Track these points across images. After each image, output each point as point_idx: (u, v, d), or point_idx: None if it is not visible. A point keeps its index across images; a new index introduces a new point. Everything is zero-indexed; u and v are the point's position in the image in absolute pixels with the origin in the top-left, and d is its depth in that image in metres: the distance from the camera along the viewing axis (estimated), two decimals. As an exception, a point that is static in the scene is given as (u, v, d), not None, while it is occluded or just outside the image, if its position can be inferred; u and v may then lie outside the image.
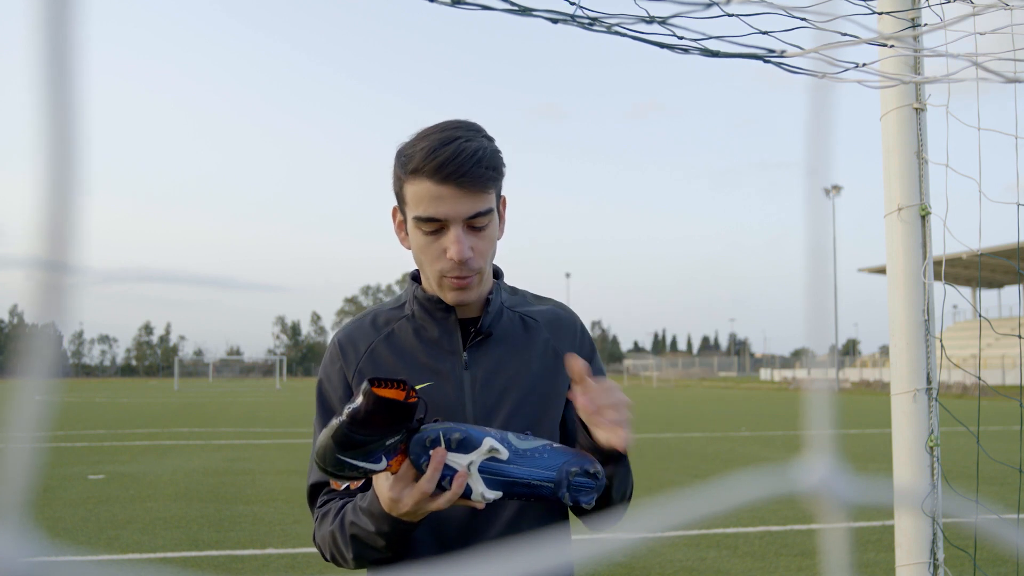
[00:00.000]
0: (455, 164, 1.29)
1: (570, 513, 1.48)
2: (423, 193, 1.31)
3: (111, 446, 13.12)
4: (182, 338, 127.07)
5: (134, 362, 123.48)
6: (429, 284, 1.42)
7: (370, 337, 1.46)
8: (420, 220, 1.33)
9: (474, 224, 1.34)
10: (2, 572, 0.26)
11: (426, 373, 1.42)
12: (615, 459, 1.30)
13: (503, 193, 1.45)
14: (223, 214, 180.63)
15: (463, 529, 1.37)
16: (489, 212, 1.35)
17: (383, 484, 1.23)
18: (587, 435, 1.27)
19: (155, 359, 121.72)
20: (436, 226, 1.33)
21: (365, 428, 1.11)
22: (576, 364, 1.22)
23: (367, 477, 1.18)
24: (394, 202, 1.45)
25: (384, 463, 1.15)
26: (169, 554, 5.87)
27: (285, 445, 13.20)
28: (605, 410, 1.22)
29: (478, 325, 1.43)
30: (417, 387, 1.34)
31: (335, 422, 1.13)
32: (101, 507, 7.61)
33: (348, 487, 1.34)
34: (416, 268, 1.51)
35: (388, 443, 1.14)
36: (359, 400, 1.11)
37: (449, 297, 1.39)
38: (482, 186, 1.32)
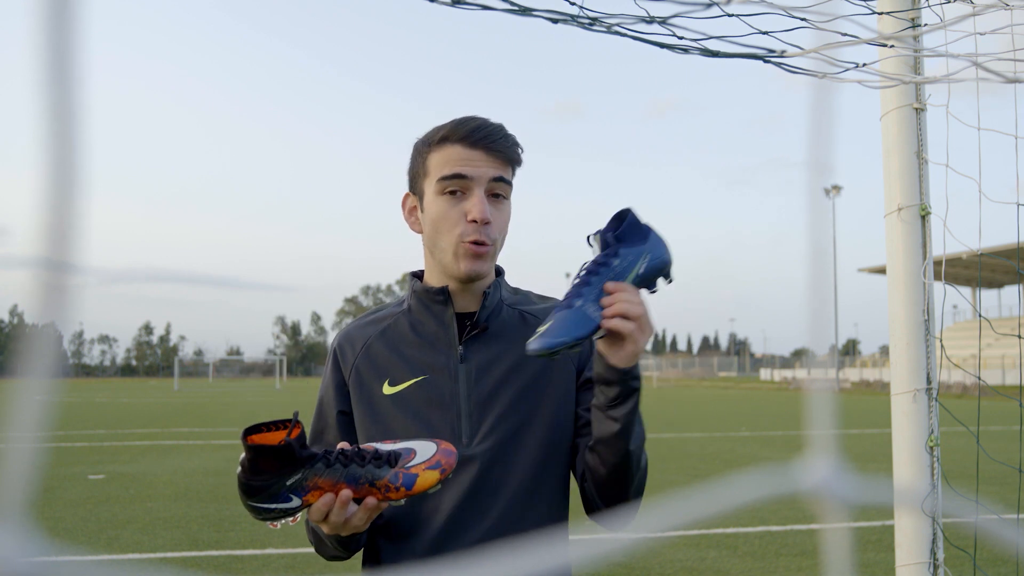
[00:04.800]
0: (486, 130, 1.37)
1: (567, 513, 1.48)
2: (452, 155, 1.37)
3: (111, 446, 13.12)
4: (182, 338, 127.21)
5: (134, 362, 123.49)
6: (440, 261, 1.42)
7: (367, 333, 1.48)
8: (446, 179, 1.37)
9: (495, 191, 1.39)
10: (2, 572, 0.26)
11: (420, 367, 1.43)
12: (628, 388, 1.29)
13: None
14: (224, 215, 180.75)
15: (455, 524, 1.37)
16: (510, 185, 1.41)
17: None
18: (601, 359, 1.28)
19: (155, 359, 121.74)
20: (461, 185, 1.37)
21: (257, 475, 1.13)
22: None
23: (290, 515, 1.17)
24: (405, 192, 1.50)
25: (297, 501, 1.15)
26: (169, 554, 5.87)
27: (285, 445, 13.19)
28: (618, 295, 1.21)
29: (474, 319, 1.44)
30: (403, 385, 1.35)
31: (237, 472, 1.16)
32: (101, 507, 7.61)
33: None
34: (420, 268, 1.51)
35: (289, 483, 1.14)
36: (243, 451, 1.14)
37: (463, 267, 1.39)
38: (507, 156, 1.39)
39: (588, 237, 1.26)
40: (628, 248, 1.24)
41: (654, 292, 1.27)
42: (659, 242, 1.27)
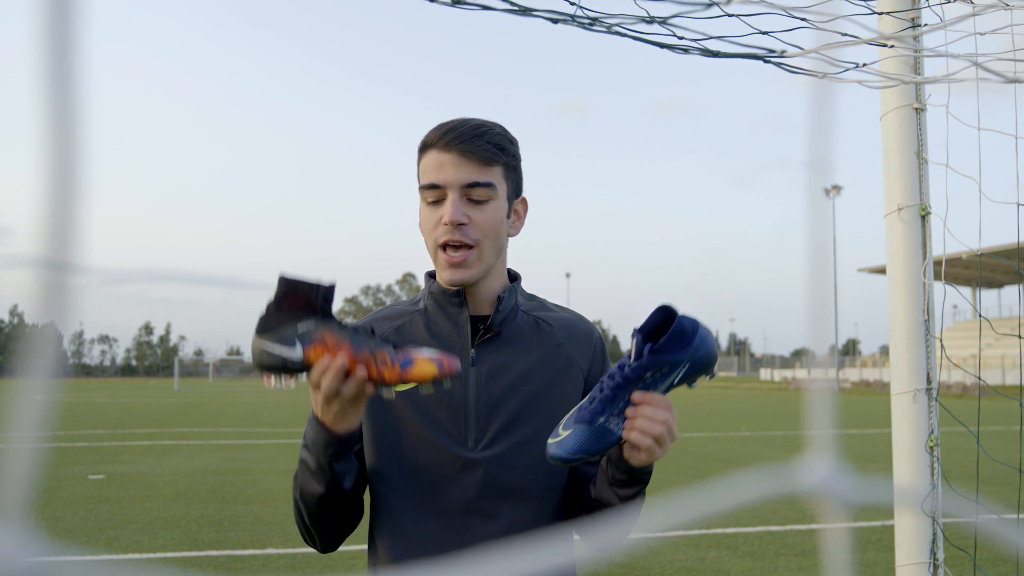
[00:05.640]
0: (457, 132, 1.36)
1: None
2: (430, 162, 1.38)
3: (111, 446, 13.12)
4: (182, 338, 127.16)
5: (134, 362, 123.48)
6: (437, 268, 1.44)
7: (381, 329, 1.47)
8: (423, 189, 1.38)
9: (472, 195, 1.36)
10: (3, 572, 0.26)
11: None
12: (636, 479, 1.29)
13: (524, 195, 1.48)
14: (225, 216, 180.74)
15: (461, 528, 1.37)
16: (490, 186, 1.37)
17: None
18: (618, 449, 1.26)
19: (155, 359, 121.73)
20: (437, 194, 1.37)
21: (278, 311, 1.18)
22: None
23: (287, 367, 1.19)
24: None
25: (299, 349, 1.18)
26: (169, 554, 5.87)
27: (285, 445, 13.20)
28: (643, 409, 1.20)
29: (488, 323, 1.43)
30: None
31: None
32: (101, 507, 7.61)
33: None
34: (432, 268, 1.51)
35: (301, 329, 1.18)
36: (274, 291, 1.19)
37: (445, 276, 1.39)
38: (482, 157, 1.36)
39: (633, 331, 1.22)
40: (665, 358, 1.20)
41: (692, 387, 1.26)
42: (703, 344, 1.22)
